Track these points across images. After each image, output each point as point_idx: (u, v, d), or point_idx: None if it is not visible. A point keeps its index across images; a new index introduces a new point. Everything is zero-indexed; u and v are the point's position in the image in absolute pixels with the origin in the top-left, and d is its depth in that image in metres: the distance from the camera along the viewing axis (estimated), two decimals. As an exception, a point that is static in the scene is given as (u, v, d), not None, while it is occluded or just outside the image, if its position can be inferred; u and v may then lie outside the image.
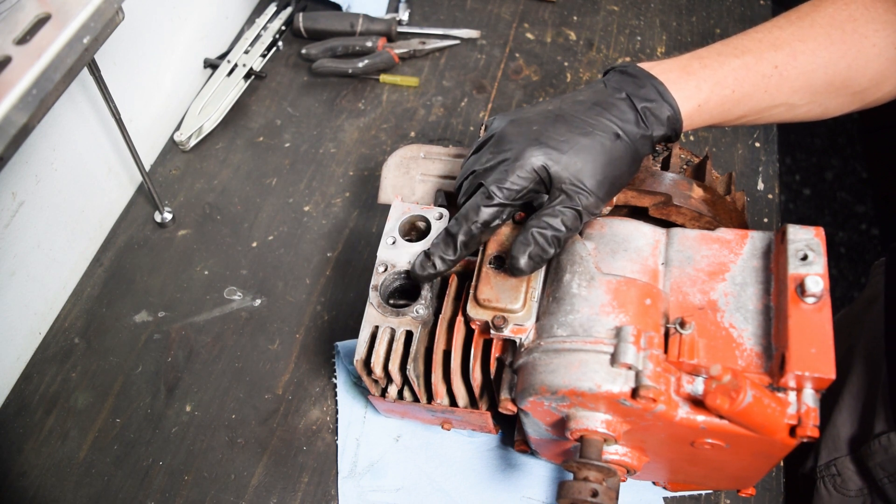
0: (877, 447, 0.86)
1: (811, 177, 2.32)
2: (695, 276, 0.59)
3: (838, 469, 0.93)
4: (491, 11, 1.23)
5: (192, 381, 0.85)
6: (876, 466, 0.87)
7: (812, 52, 0.63)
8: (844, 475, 0.92)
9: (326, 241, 0.97)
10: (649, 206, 0.67)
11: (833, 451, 0.94)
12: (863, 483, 0.91)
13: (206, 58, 1.12)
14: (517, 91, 1.12)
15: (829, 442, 0.94)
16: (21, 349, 0.87)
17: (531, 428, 0.64)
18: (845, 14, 0.64)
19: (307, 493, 0.78)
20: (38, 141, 0.83)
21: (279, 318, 0.90)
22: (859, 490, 0.92)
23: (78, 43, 0.64)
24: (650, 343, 0.54)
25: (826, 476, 0.95)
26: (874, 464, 0.87)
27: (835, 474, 0.93)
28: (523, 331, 0.60)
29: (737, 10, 1.23)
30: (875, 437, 0.87)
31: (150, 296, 0.92)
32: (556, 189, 0.60)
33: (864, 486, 0.91)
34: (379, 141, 1.07)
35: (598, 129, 0.60)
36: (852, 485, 0.92)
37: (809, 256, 0.54)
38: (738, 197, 0.72)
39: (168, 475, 0.79)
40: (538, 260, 0.58)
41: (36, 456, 0.81)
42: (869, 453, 0.88)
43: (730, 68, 0.63)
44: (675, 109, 0.61)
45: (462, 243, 0.62)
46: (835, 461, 0.93)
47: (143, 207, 1.01)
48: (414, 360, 0.65)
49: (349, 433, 0.80)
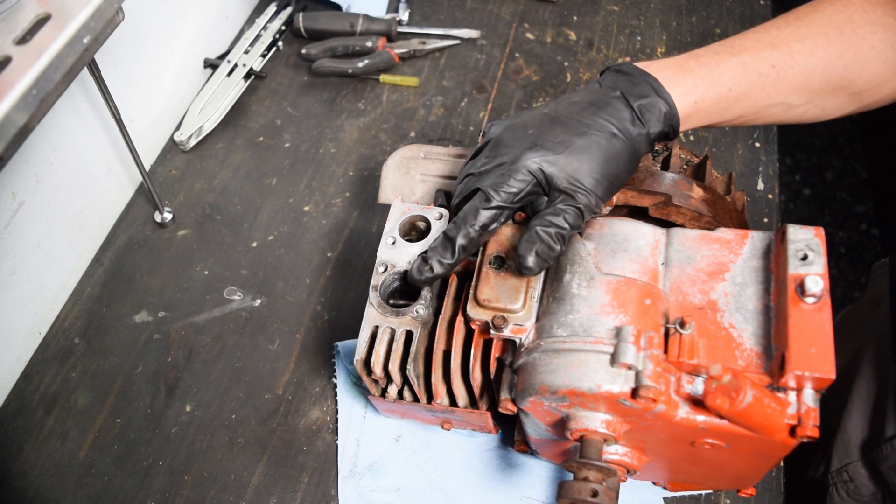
0: (889, 451, 0.86)
1: (811, 177, 2.32)
2: (695, 276, 0.59)
3: (850, 475, 0.92)
4: (491, 11, 1.23)
5: (192, 381, 0.85)
6: (889, 471, 0.86)
7: (810, 52, 0.63)
8: (857, 481, 0.92)
9: (326, 241, 0.97)
10: (649, 206, 0.67)
11: (844, 456, 0.93)
12: (875, 488, 0.90)
13: (206, 58, 1.12)
14: (517, 91, 1.12)
15: (841, 447, 0.94)
16: (21, 349, 0.87)
17: (531, 428, 0.64)
18: (843, 15, 0.64)
19: (307, 493, 0.78)
20: (38, 141, 0.83)
21: (279, 318, 0.90)
22: (872, 495, 0.91)
23: (78, 43, 0.64)
24: (650, 343, 0.54)
25: (839, 482, 0.94)
26: (886, 468, 0.86)
27: (847, 480, 0.93)
28: (523, 331, 0.60)
29: (737, 10, 1.23)
30: (886, 441, 0.86)
31: (150, 296, 0.92)
32: (555, 190, 0.60)
33: (877, 492, 0.90)
34: (379, 141, 1.07)
35: (594, 128, 0.60)
36: (865, 490, 0.91)
37: (809, 256, 0.54)
38: (738, 197, 0.72)
39: (168, 475, 0.79)
40: (546, 258, 0.58)
41: (36, 456, 0.81)
42: (881, 457, 0.87)
43: (726, 67, 0.63)
44: (671, 106, 0.61)
45: (461, 247, 0.62)
46: (846, 467, 0.93)
47: (143, 207, 1.01)
48: (414, 360, 0.65)
49: (349, 433, 0.80)
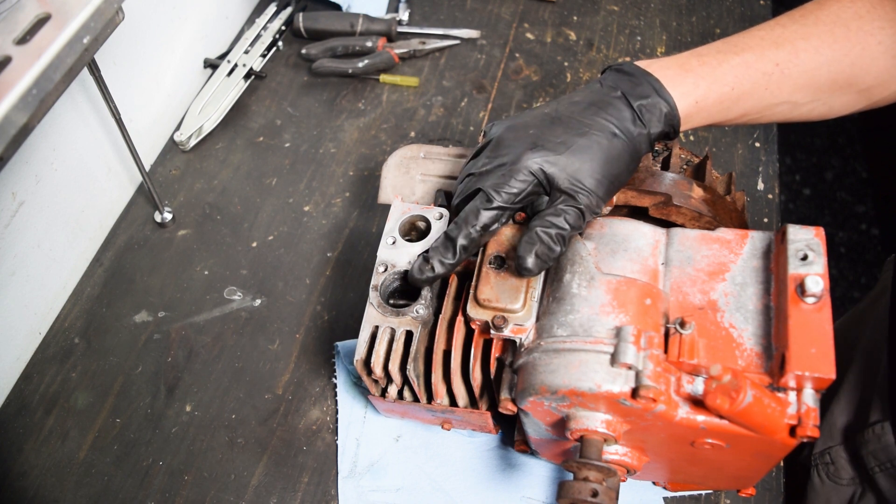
0: (870, 436, 0.86)
1: (811, 177, 2.32)
2: (695, 276, 0.59)
3: (832, 457, 0.93)
4: (491, 11, 1.23)
5: (192, 381, 0.85)
6: (868, 455, 0.87)
7: (815, 49, 0.62)
8: (837, 463, 0.92)
9: (326, 241, 0.97)
10: (649, 206, 0.67)
11: (828, 439, 0.94)
12: (854, 472, 0.91)
13: (206, 58, 1.12)
14: (517, 91, 1.12)
15: (825, 430, 0.94)
16: (21, 349, 0.87)
17: (531, 428, 0.64)
18: (850, 12, 0.63)
19: (307, 493, 0.78)
20: (38, 141, 0.83)
21: (279, 318, 0.90)
22: (851, 479, 0.92)
23: (78, 43, 0.64)
24: (650, 343, 0.54)
25: (820, 464, 0.95)
26: (866, 452, 0.87)
27: (828, 462, 0.93)
28: (523, 331, 0.60)
29: (737, 10, 1.23)
30: (869, 426, 0.87)
31: (150, 296, 0.92)
32: (556, 190, 0.60)
33: (855, 476, 0.91)
34: (379, 141, 1.07)
35: (595, 128, 0.60)
36: (845, 473, 0.92)
37: (809, 256, 0.54)
38: (738, 197, 0.72)
39: (168, 475, 0.79)
40: (545, 259, 0.58)
41: (36, 456, 0.81)
42: (862, 441, 0.88)
43: (729, 66, 0.62)
44: (672, 106, 0.61)
45: (461, 247, 0.62)
46: (829, 449, 0.94)
47: (143, 207, 1.01)
48: (414, 360, 0.65)
49: (349, 433, 0.80)
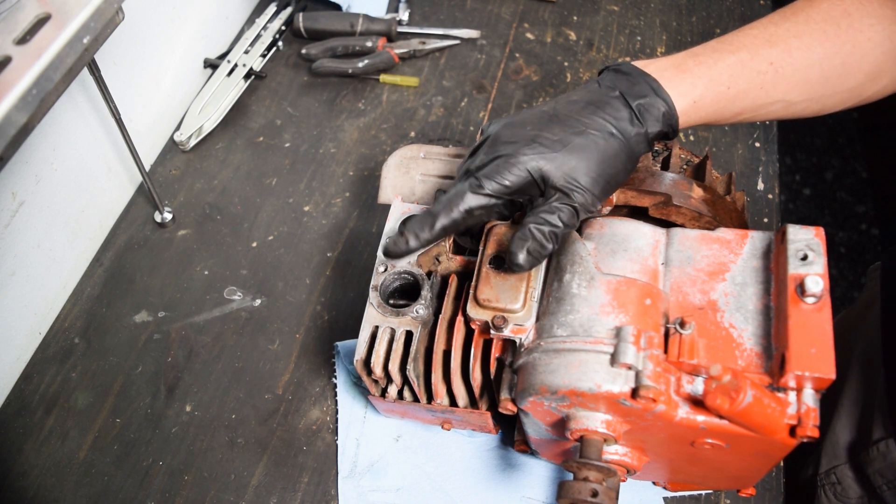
0: (875, 454, 0.86)
1: (811, 177, 2.32)
2: (695, 276, 0.59)
3: (838, 477, 0.92)
4: (491, 11, 1.23)
5: (192, 381, 0.85)
6: (875, 474, 0.86)
7: (807, 47, 0.63)
8: (844, 483, 0.92)
9: (326, 241, 0.97)
10: (649, 206, 0.67)
11: (833, 458, 0.93)
12: (862, 491, 0.90)
13: (206, 58, 1.12)
14: (517, 91, 1.12)
15: (829, 449, 0.94)
16: (21, 349, 0.87)
17: (531, 428, 0.64)
18: (840, 9, 0.63)
19: (307, 493, 0.78)
20: (38, 141, 0.83)
21: (279, 318, 0.90)
22: (859, 498, 0.91)
23: (78, 43, 0.64)
24: (650, 343, 0.54)
25: (826, 484, 0.94)
26: (873, 471, 0.86)
27: (835, 482, 0.93)
28: (523, 331, 0.60)
29: (737, 10, 1.23)
30: (873, 444, 0.86)
31: (150, 296, 0.92)
32: (551, 188, 0.59)
33: (863, 495, 0.90)
34: (379, 141, 1.07)
35: (592, 127, 0.60)
36: (852, 493, 0.91)
37: (809, 256, 0.54)
38: (738, 197, 0.72)
39: (168, 475, 0.79)
40: (536, 255, 0.58)
41: (36, 456, 0.81)
42: (868, 460, 0.87)
43: (725, 65, 0.62)
44: (669, 106, 0.61)
45: (441, 227, 0.61)
46: (834, 469, 0.93)
47: (143, 207, 1.01)
48: (414, 360, 0.65)
49: (349, 433, 0.80)
